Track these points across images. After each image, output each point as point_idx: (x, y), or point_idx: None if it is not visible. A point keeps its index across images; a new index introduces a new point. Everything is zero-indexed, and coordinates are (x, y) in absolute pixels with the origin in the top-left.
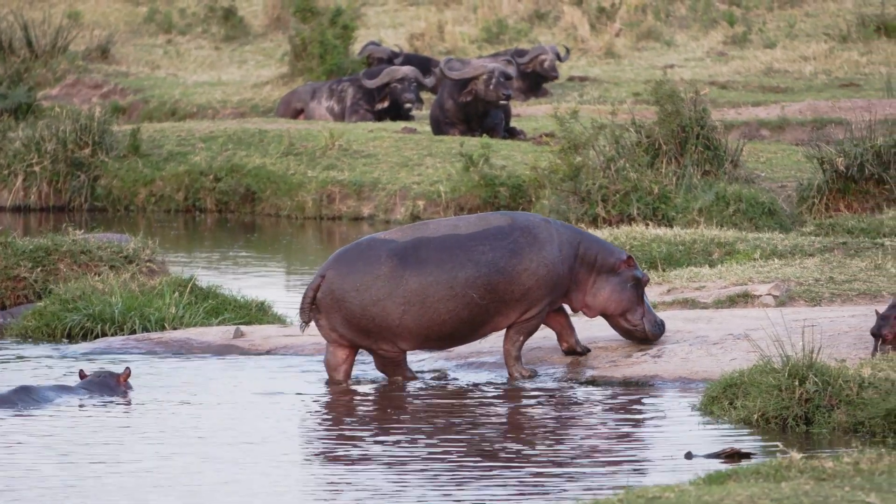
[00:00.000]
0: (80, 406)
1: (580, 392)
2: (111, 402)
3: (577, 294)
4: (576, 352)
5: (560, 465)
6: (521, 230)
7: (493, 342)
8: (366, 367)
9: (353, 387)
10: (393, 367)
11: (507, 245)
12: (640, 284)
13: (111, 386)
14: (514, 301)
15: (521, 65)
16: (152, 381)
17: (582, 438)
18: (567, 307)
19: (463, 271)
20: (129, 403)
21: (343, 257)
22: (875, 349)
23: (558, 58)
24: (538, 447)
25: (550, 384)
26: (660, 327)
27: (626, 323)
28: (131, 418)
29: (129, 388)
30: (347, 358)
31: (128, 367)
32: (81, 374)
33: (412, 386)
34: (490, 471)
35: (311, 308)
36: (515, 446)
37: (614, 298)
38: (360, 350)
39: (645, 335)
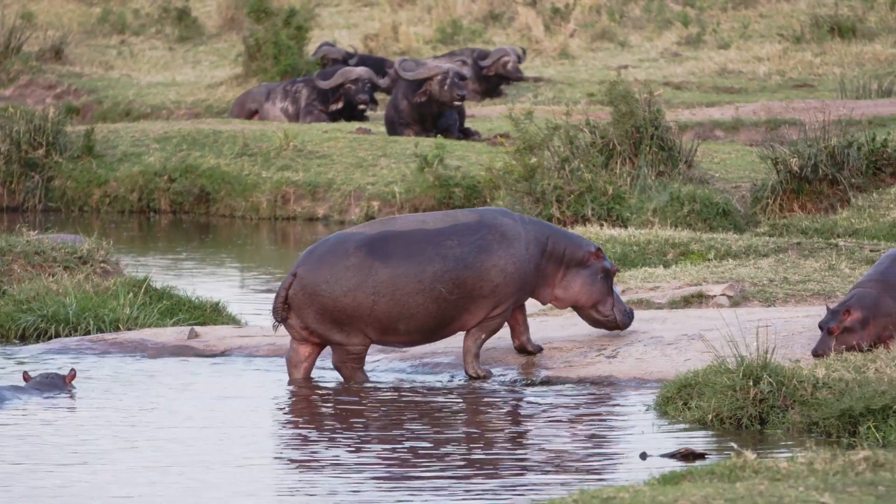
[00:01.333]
0: (31, 407)
1: (535, 393)
2: (62, 404)
3: (546, 289)
4: (527, 350)
5: (515, 465)
6: (489, 227)
7: (448, 342)
8: (323, 372)
9: (310, 388)
10: (353, 362)
11: (475, 241)
12: (609, 276)
13: (59, 386)
14: (481, 298)
15: (484, 67)
16: (107, 382)
17: (536, 439)
18: (532, 302)
19: (431, 265)
20: (87, 406)
21: (313, 252)
22: (822, 343)
23: (518, 59)
24: (493, 448)
25: (505, 385)
26: (629, 316)
27: (597, 314)
28: (88, 421)
29: (74, 388)
30: (310, 356)
31: (73, 369)
32: (25, 377)
33: (367, 388)
34: (444, 473)
35: (284, 307)
36: (470, 448)
37: (585, 291)
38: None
39: (616, 325)
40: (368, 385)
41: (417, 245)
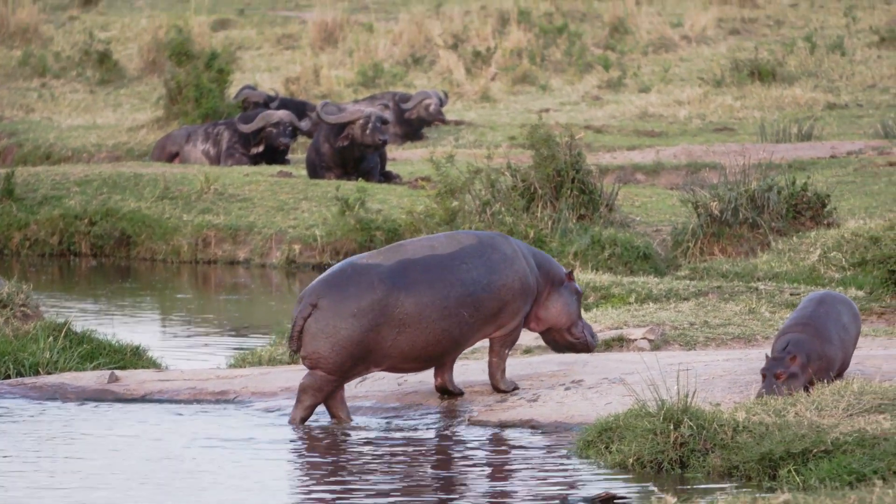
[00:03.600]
0: None
1: (456, 436)
2: None
3: (534, 306)
4: (448, 390)
5: None
6: (491, 248)
7: (369, 386)
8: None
9: (236, 435)
10: (320, 393)
11: (483, 262)
12: (580, 298)
13: None
14: (492, 317)
15: (406, 110)
16: (26, 427)
17: (456, 483)
18: None
19: (454, 290)
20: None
21: (333, 284)
22: (768, 387)
23: (440, 102)
24: (413, 495)
25: (426, 428)
26: (596, 339)
27: (570, 336)
28: (11, 466)
29: None
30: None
31: None
32: None
33: (291, 434)
34: None
35: (300, 337)
36: (388, 493)
37: (565, 311)
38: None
39: (587, 346)
40: (293, 430)
41: (436, 272)
